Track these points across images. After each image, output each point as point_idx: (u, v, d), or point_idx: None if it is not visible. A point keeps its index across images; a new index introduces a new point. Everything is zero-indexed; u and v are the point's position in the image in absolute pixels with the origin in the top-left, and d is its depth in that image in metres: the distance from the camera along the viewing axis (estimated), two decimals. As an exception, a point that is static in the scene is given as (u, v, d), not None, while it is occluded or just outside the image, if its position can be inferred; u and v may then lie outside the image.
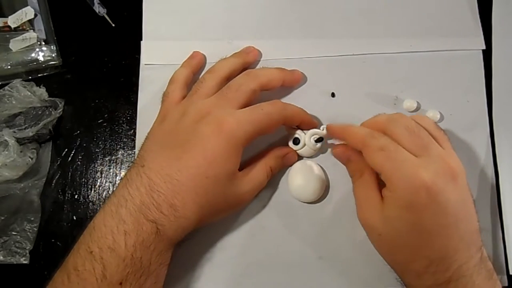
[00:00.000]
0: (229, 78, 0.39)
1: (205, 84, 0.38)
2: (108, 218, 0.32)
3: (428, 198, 0.30)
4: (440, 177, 0.31)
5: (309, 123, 0.40)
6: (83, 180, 0.43)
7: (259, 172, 0.38)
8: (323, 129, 0.40)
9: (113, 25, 0.46)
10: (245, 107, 0.36)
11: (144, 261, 0.32)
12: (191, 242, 0.39)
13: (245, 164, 0.38)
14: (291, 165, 0.41)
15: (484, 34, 0.44)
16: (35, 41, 0.44)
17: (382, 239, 0.34)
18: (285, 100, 0.43)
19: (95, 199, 0.42)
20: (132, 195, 0.33)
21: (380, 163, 0.33)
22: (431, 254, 0.31)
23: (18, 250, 0.40)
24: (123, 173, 0.43)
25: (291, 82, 0.42)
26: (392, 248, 0.34)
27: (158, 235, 0.32)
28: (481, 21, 0.45)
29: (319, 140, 0.39)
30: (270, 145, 0.41)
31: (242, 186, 0.36)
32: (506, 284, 0.39)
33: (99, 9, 0.46)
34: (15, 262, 0.40)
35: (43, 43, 0.45)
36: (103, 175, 0.43)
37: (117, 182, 0.42)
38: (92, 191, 0.42)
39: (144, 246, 0.32)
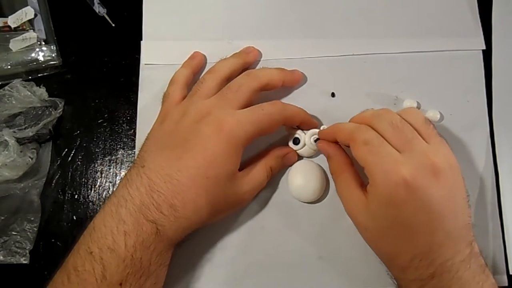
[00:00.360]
0: (229, 78, 0.39)
1: (205, 85, 0.38)
2: (108, 219, 0.32)
3: (408, 194, 0.31)
4: (421, 172, 0.31)
5: (309, 123, 0.40)
6: (83, 180, 0.43)
7: (259, 172, 0.38)
8: (323, 129, 0.40)
9: (113, 25, 0.46)
10: (245, 107, 0.36)
11: (144, 261, 0.32)
12: (191, 242, 0.39)
13: (245, 164, 0.38)
14: (291, 165, 0.41)
15: (484, 34, 0.44)
16: (35, 41, 0.44)
17: (369, 233, 0.34)
18: (285, 100, 0.43)
19: (95, 199, 0.42)
20: (132, 195, 0.33)
21: (363, 156, 0.33)
22: (413, 249, 0.31)
23: (18, 250, 0.40)
24: (123, 173, 0.43)
25: (291, 82, 0.42)
26: (377, 242, 0.34)
27: (158, 236, 0.32)
28: (481, 21, 0.45)
29: (318, 140, 0.39)
30: (270, 145, 0.41)
31: (242, 186, 0.36)
32: (506, 284, 0.39)
33: (99, 9, 0.46)
34: (15, 262, 0.40)
35: (43, 43, 0.45)
36: (103, 175, 0.43)
37: (117, 182, 0.42)
38: (92, 191, 0.42)
39: (144, 247, 0.32)
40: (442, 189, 0.31)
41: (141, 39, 0.45)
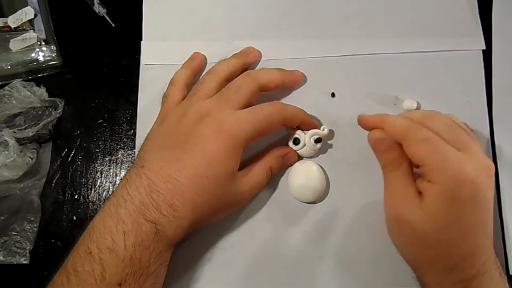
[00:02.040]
0: (229, 79, 0.39)
1: (205, 85, 0.38)
2: (107, 219, 0.32)
3: (472, 192, 0.31)
4: (482, 173, 0.31)
5: (309, 123, 0.40)
6: (83, 180, 0.43)
7: (258, 171, 0.38)
8: (323, 129, 0.40)
9: (113, 25, 0.46)
10: (245, 108, 0.36)
11: (144, 261, 0.32)
12: (191, 242, 0.39)
13: (245, 164, 0.38)
14: (291, 165, 0.41)
15: (484, 34, 0.44)
16: (35, 41, 0.44)
17: (417, 235, 0.32)
18: (285, 100, 0.43)
19: (95, 199, 0.42)
20: (132, 196, 0.33)
21: (423, 155, 0.32)
22: (464, 250, 0.31)
23: (18, 250, 0.40)
24: (123, 173, 0.43)
25: (291, 82, 0.42)
26: (426, 244, 0.32)
27: (158, 236, 0.32)
28: (481, 21, 0.45)
29: (318, 140, 0.39)
30: (270, 145, 0.41)
31: (242, 186, 0.36)
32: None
33: (99, 9, 0.46)
34: (15, 262, 0.40)
35: (43, 43, 0.45)
36: (103, 175, 0.43)
37: (117, 182, 0.42)
38: (92, 191, 0.42)
39: (143, 247, 0.32)
40: (492, 191, 0.32)
41: (141, 39, 0.45)
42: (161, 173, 0.33)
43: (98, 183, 0.43)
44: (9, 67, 0.44)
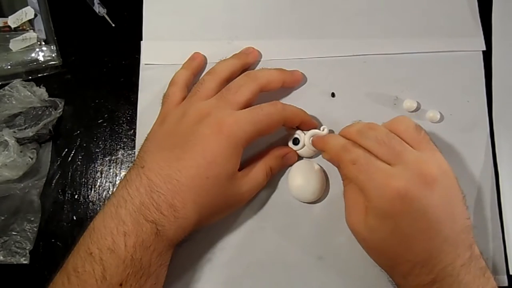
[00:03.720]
0: (229, 79, 0.39)
1: (205, 86, 0.39)
2: (108, 219, 0.32)
3: (403, 205, 0.31)
4: (414, 183, 0.31)
5: (309, 123, 0.40)
6: (83, 180, 0.43)
7: (258, 172, 0.38)
8: (323, 130, 0.40)
9: (113, 25, 0.46)
10: (245, 108, 0.36)
11: (144, 262, 0.32)
12: (191, 242, 0.39)
13: (245, 164, 0.38)
14: (291, 165, 0.41)
15: (484, 34, 0.44)
16: (35, 41, 0.44)
17: (367, 244, 0.34)
18: (285, 100, 0.43)
19: (95, 199, 0.42)
20: (132, 196, 0.33)
21: (353, 176, 0.34)
22: (413, 258, 0.31)
23: (18, 250, 0.40)
24: (123, 173, 0.43)
25: (292, 83, 0.42)
26: (376, 252, 0.34)
27: (158, 236, 0.32)
28: (481, 21, 0.45)
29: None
30: (270, 145, 0.41)
31: (242, 186, 0.36)
32: (506, 284, 0.39)
33: (99, 9, 0.46)
34: (15, 262, 0.40)
35: (43, 43, 0.45)
36: (103, 175, 0.43)
37: (117, 182, 0.42)
38: (92, 191, 0.42)
39: (144, 247, 0.32)
40: (438, 197, 0.31)
41: (141, 39, 0.45)
42: (161, 174, 0.33)
43: (98, 183, 0.43)
44: (9, 67, 0.44)
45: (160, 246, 0.33)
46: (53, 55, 0.44)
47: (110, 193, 0.42)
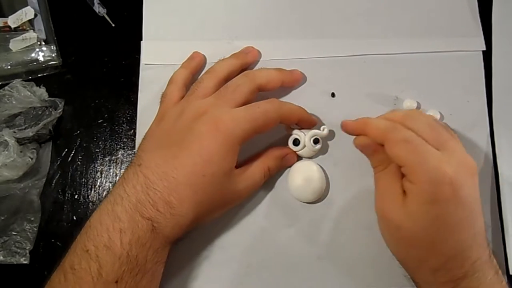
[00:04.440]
0: (227, 78, 0.39)
1: (203, 85, 0.39)
2: (104, 216, 0.33)
3: (452, 191, 0.31)
4: (462, 172, 0.31)
5: (308, 121, 0.40)
6: (83, 180, 0.43)
7: (255, 171, 0.38)
8: (323, 130, 0.40)
9: (113, 25, 0.46)
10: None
11: (140, 259, 0.32)
12: (190, 241, 0.39)
13: (244, 162, 0.38)
14: (290, 166, 0.41)
15: (484, 34, 0.44)
16: (35, 41, 0.44)
17: (401, 234, 0.33)
18: (285, 100, 0.43)
19: (95, 199, 0.42)
20: (128, 193, 0.33)
21: (403, 155, 0.32)
22: (449, 250, 0.31)
23: (18, 250, 0.40)
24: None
25: (291, 82, 0.42)
26: (409, 243, 0.33)
27: (154, 233, 0.32)
28: (481, 21, 0.45)
29: (316, 141, 0.39)
30: (270, 145, 0.41)
31: (238, 184, 0.36)
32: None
33: (99, 9, 0.46)
34: (15, 262, 0.40)
35: (43, 43, 0.45)
36: (103, 175, 0.43)
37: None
38: (92, 191, 0.42)
39: (139, 244, 0.32)
40: (475, 189, 0.32)
41: (141, 39, 0.45)
42: (158, 171, 0.33)
43: (98, 183, 0.43)
44: (9, 67, 0.44)
45: (156, 243, 0.33)
46: (53, 55, 0.44)
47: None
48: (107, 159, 0.43)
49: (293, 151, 0.40)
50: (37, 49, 0.44)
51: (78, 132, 0.44)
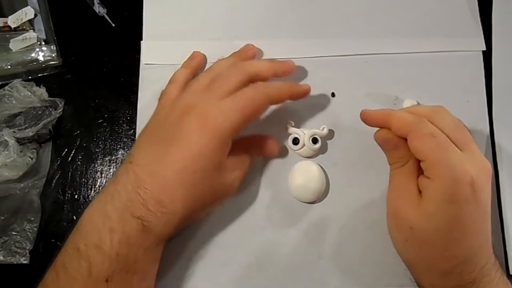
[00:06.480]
0: None
1: (199, 82, 0.38)
2: (95, 216, 0.32)
3: (472, 192, 0.30)
4: (482, 174, 0.31)
5: (300, 92, 0.39)
6: (83, 180, 0.43)
7: (245, 159, 0.38)
8: (322, 129, 0.40)
9: (113, 25, 0.46)
10: None
11: (130, 258, 0.32)
12: (191, 242, 0.39)
13: (230, 152, 0.37)
14: (273, 154, 0.40)
15: (484, 34, 0.44)
16: (35, 41, 0.44)
17: (413, 234, 0.32)
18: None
19: (95, 199, 0.42)
20: (119, 192, 0.33)
21: (427, 150, 0.31)
22: (461, 254, 0.31)
23: (18, 250, 0.40)
24: (123, 173, 0.43)
25: (284, 73, 0.40)
26: (421, 245, 0.32)
27: (145, 232, 0.32)
28: (481, 22, 0.45)
29: (315, 140, 0.39)
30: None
31: (230, 175, 0.36)
32: (506, 284, 0.39)
33: (99, 9, 0.46)
34: (15, 262, 0.40)
35: (43, 43, 0.45)
36: (103, 175, 0.43)
37: (117, 182, 0.43)
38: (92, 191, 0.42)
39: (130, 243, 0.31)
40: (490, 195, 0.32)
41: (141, 39, 0.45)
42: (148, 169, 0.33)
43: (98, 183, 0.43)
44: (9, 67, 0.44)
45: (147, 242, 0.32)
46: (53, 55, 0.44)
47: (110, 193, 0.42)
48: (107, 159, 0.43)
49: (273, 139, 0.39)
50: (37, 49, 0.44)
51: (78, 132, 0.44)
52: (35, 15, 0.45)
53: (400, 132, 0.34)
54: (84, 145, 0.43)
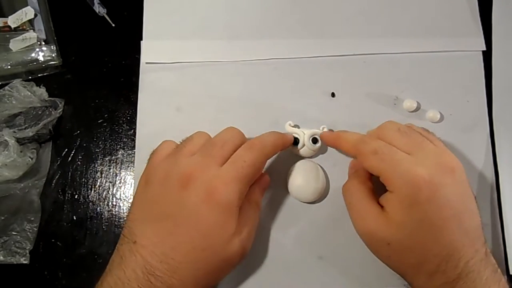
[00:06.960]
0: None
1: (192, 142, 0.36)
2: None
3: (430, 192, 0.31)
4: (437, 171, 0.31)
5: (288, 142, 0.39)
6: (83, 180, 0.43)
7: (252, 214, 0.36)
8: (322, 129, 0.40)
9: (113, 25, 0.46)
10: None
11: None
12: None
13: None
14: (266, 187, 0.39)
15: (484, 34, 0.44)
16: (35, 41, 0.44)
17: (392, 248, 0.33)
18: (285, 100, 0.43)
19: (95, 199, 0.42)
20: (129, 278, 0.31)
21: (376, 166, 0.33)
22: (440, 251, 0.31)
23: (18, 250, 0.40)
24: (123, 173, 0.43)
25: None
26: (402, 254, 0.33)
27: None
28: (481, 21, 0.45)
29: (315, 140, 0.39)
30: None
31: (242, 241, 0.34)
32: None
33: (99, 9, 0.46)
34: (15, 262, 0.40)
35: (43, 43, 0.45)
36: (103, 175, 0.43)
37: (117, 182, 0.42)
38: (92, 191, 0.42)
39: None
40: (458, 187, 0.32)
41: (141, 39, 0.45)
42: (156, 252, 0.31)
43: (98, 183, 0.43)
44: (9, 67, 0.44)
45: None
46: (53, 55, 0.44)
47: (110, 193, 0.42)
48: (107, 159, 0.43)
49: (266, 174, 0.39)
50: (37, 49, 0.44)
51: (78, 132, 0.44)
52: (35, 15, 0.45)
53: (350, 154, 0.36)
54: (84, 145, 0.43)
